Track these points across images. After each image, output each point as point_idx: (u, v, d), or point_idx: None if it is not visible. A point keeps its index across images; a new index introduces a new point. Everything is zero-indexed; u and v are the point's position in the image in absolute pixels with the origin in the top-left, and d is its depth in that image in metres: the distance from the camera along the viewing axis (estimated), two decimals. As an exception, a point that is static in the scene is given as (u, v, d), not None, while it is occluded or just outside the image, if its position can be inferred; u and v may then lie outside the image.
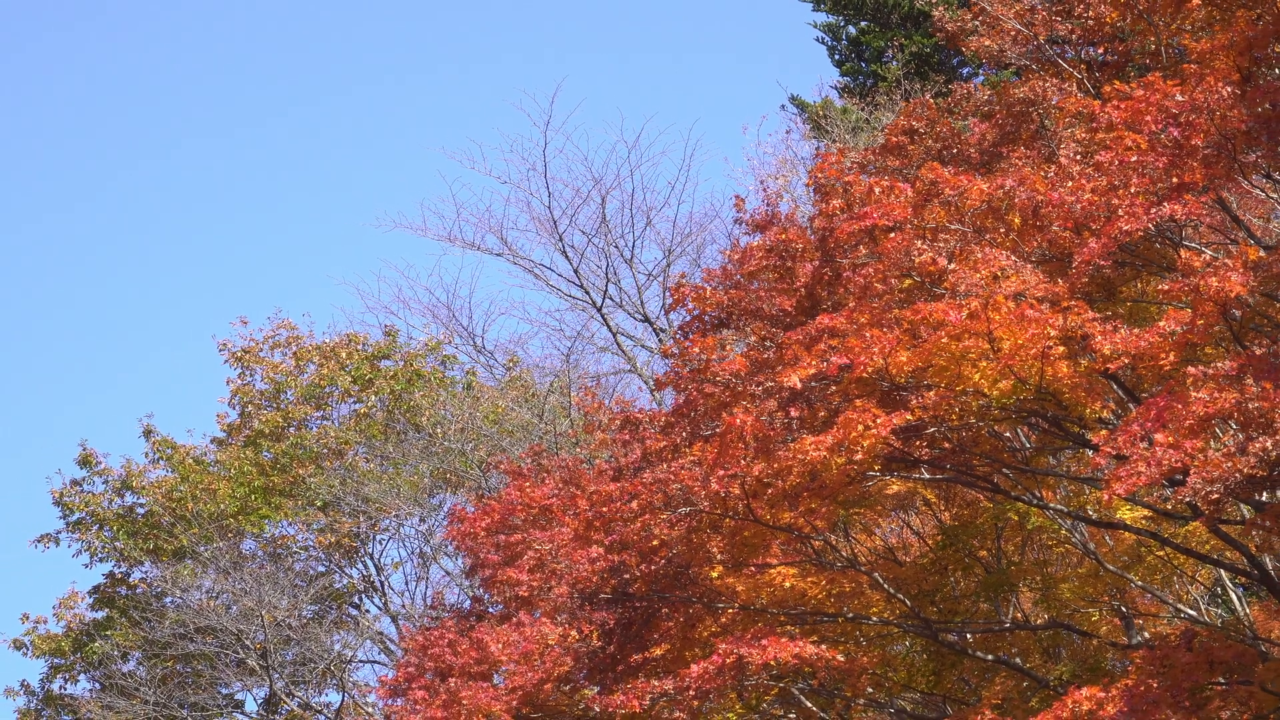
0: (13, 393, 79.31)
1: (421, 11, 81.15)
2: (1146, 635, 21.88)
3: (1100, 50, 20.83)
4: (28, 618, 36.74)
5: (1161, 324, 16.09)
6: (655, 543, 18.31)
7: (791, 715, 20.08)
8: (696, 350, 18.29)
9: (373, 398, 36.32)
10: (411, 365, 36.64)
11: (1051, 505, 19.45)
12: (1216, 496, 14.59)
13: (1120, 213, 16.41)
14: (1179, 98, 16.75)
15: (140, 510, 36.28)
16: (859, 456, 16.39)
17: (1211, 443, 14.86)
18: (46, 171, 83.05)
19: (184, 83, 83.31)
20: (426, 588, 34.75)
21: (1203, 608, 22.75)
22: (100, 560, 36.47)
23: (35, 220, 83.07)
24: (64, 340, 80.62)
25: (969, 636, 20.17)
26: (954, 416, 16.79)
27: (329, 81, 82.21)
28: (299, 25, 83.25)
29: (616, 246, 34.66)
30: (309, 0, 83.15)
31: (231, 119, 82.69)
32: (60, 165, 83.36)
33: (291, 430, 36.14)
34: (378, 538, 35.22)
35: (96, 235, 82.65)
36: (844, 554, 19.62)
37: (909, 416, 16.45)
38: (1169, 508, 18.25)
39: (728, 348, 18.92)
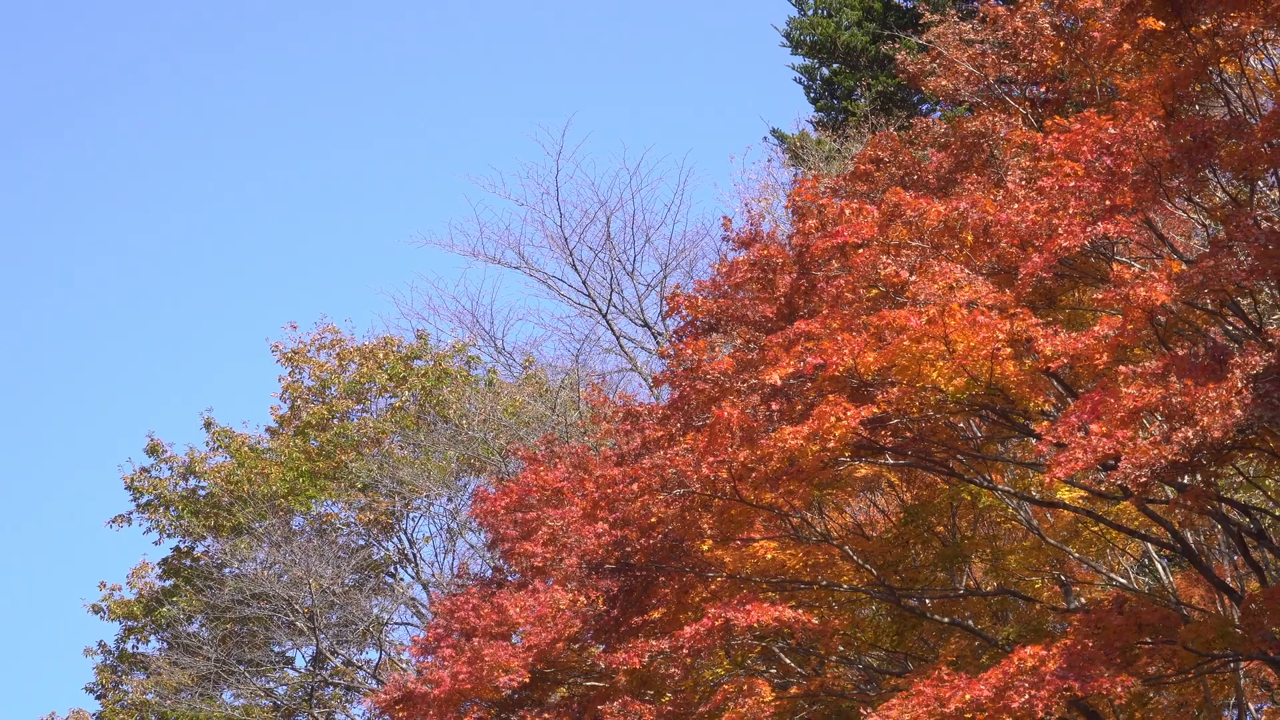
0: (88, 390, 79.46)
1: (449, 57, 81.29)
2: (1083, 601, 21.86)
3: (1042, 89, 20.82)
4: (104, 585, 36.68)
5: (1096, 328, 16.09)
6: (653, 520, 18.31)
7: (772, 670, 20.05)
8: (689, 352, 18.29)
9: (406, 393, 36.29)
10: (440, 365, 36.59)
11: (1000, 487, 19.44)
12: (1144, 479, 14.59)
13: (1060, 231, 16.40)
14: (1111, 131, 16.74)
15: (202, 492, 36.23)
16: (831, 444, 16.39)
17: (1140, 432, 14.85)
18: (133, 197, 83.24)
19: (249, 126, 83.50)
20: (453, 559, 34.75)
21: (1132, 577, 22.73)
22: (167, 536, 36.44)
23: (120, 240, 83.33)
24: (133, 343, 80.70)
25: (928, 602, 20.16)
26: (914, 409, 16.79)
27: (369, 116, 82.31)
28: (341, 73, 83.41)
29: (620, 261, 34.65)
30: (357, 55, 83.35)
31: (287, 155, 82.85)
32: (144, 191, 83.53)
33: (335, 421, 36.11)
34: (411, 515, 35.19)
35: (166, 252, 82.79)
36: (818, 529, 19.61)
37: (875, 409, 16.45)
38: (1103, 489, 18.23)
39: (716, 349, 18.90)
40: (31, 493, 76.90)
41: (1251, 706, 21.93)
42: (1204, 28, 16.65)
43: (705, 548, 18.64)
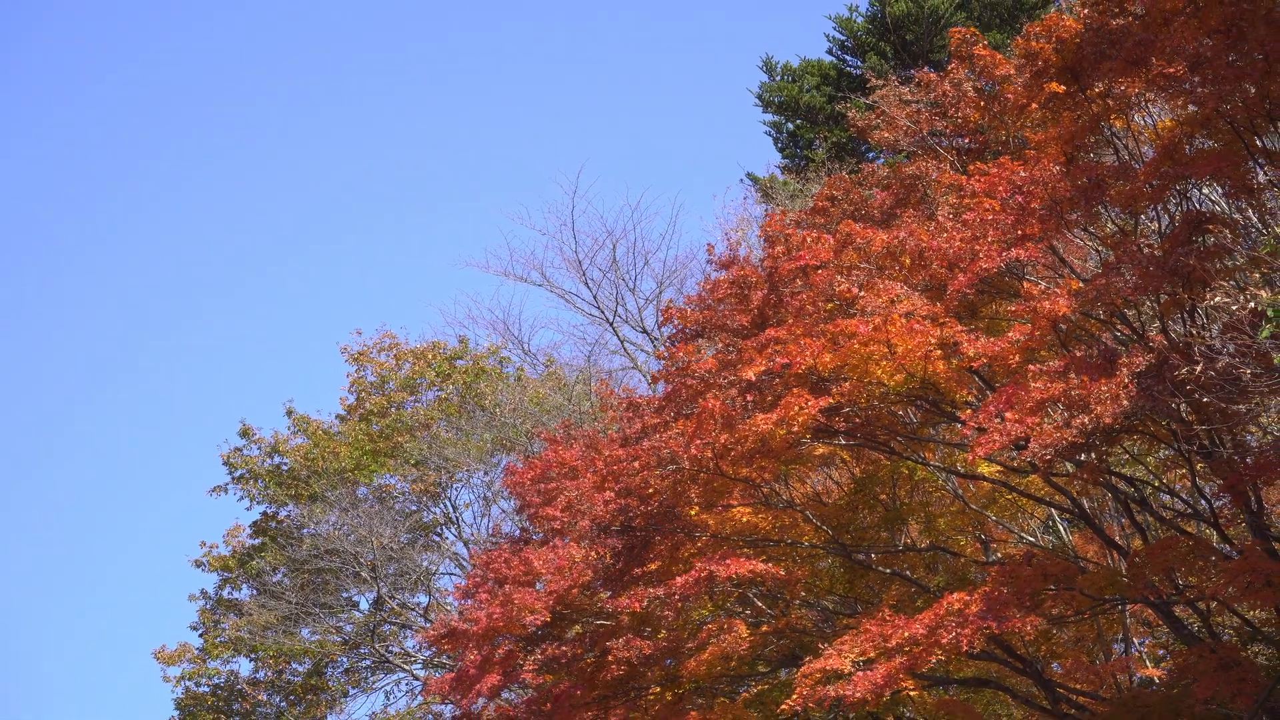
0: (193, 385, 79.56)
1: (484, 114, 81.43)
2: (999, 555, 21.85)
3: (966, 140, 20.82)
4: (205, 544, 36.72)
5: (1010, 334, 16.09)
6: (651, 490, 18.30)
7: (747, 612, 20.04)
8: (680, 354, 18.29)
9: (450, 387, 36.27)
10: (478, 364, 36.59)
11: (932, 463, 19.44)
12: (1049, 457, 14.58)
13: (980, 256, 16.41)
14: (1022, 174, 16.74)
15: (284, 467, 36.23)
16: (795, 428, 16.39)
17: (1045, 419, 14.86)
18: (230, 227, 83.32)
19: (326, 172, 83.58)
20: (489, 521, 34.73)
21: (1039, 536, 22.71)
22: (257, 503, 36.44)
23: (217, 265, 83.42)
24: (229, 347, 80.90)
25: (873, 556, 20.15)
26: (863, 400, 16.79)
27: (420, 163, 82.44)
28: (399, 131, 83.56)
29: (624, 280, 34.70)
30: (410, 116, 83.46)
31: (355, 193, 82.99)
32: (239, 221, 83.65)
33: (392, 410, 36.11)
34: (454, 486, 35.18)
35: (256, 273, 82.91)
36: (784, 497, 19.61)
37: (831, 400, 16.44)
38: (1015, 464, 18.25)
39: (702, 352, 18.91)
40: (147, 469, 77.13)
41: (1136, 640, 21.95)
42: (1097, 90, 16.65)
43: (693, 513, 18.64)
